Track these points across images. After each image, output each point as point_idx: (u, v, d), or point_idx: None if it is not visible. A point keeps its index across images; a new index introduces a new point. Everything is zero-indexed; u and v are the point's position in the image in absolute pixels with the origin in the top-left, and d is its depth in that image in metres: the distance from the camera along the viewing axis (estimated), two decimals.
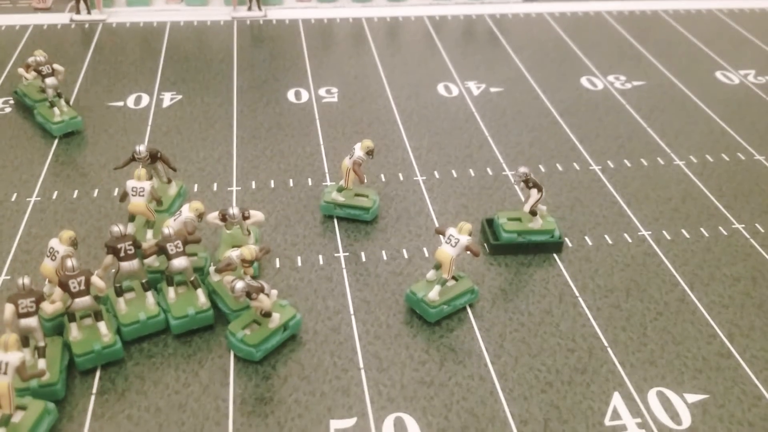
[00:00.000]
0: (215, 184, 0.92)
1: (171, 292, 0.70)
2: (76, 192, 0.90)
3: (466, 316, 0.73)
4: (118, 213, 0.86)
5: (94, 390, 0.64)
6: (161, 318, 0.69)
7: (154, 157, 0.83)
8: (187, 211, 0.73)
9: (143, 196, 0.77)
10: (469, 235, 0.71)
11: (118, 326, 0.67)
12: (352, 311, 0.74)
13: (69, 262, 0.64)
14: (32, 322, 0.61)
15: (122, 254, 0.67)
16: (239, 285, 0.64)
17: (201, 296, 0.69)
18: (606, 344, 0.71)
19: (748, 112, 1.15)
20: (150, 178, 0.80)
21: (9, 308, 0.61)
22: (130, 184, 0.77)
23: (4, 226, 0.83)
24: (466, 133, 1.06)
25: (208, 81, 1.17)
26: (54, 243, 0.68)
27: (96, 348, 0.64)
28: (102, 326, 0.65)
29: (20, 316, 0.61)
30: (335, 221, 0.86)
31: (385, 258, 0.81)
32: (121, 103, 1.10)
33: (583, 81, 1.23)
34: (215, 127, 1.05)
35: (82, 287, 0.63)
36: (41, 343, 0.62)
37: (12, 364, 0.56)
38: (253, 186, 0.92)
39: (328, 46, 1.32)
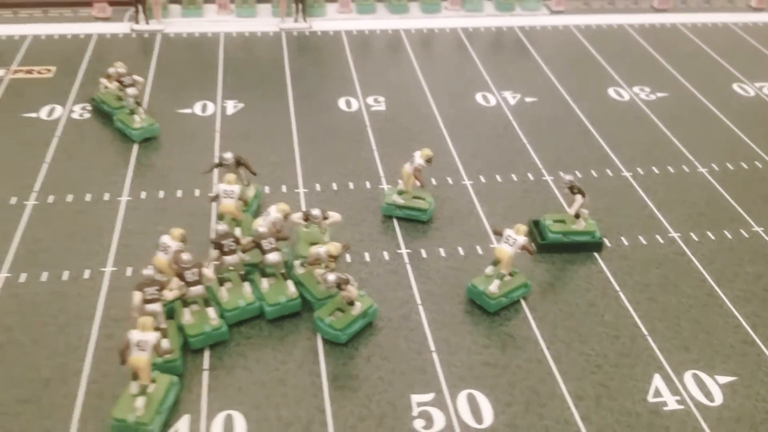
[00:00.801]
0: (284, 186, 1.02)
1: (264, 283, 0.79)
2: (162, 192, 0.99)
3: (521, 307, 0.83)
4: (202, 211, 0.96)
5: (206, 366, 0.74)
6: (257, 305, 0.79)
7: (237, 163, 0.92)
8: (275, 212, 0.83)
9: (233, 198, 0.87)
10: (525, 235, 0.80)
11: (221, 312, 0.77)
12: (418, 301, 0.83)
13: (184, 256, 0.74)
14: (157, 307, 0.71)
15: (226, 249, 0.77)
16: (331, 277, 0.74)
17: (290, 286, 0.79)
18: (645, 332, 0.80)
19: (763, 123, 1.25)
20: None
21: (138, 295, 0.71)
22: (222, 187, 0.87)
23: (103, 222, 0.93)
24: (506, 140, 1.16)
25: (265, 90, 1.27)
26: (165, 239, 0.78)
27: (206, 330, 0.74)
28: (211, 311, 0.75)
29: (146, 302, 0.71)
30: (395, 221, 0.96)
31: (443, 255, 0.91)
32: (189, 111, 1.19)
33: (611, 92, 1.33)
34: (277, 133, 1.15)
35: (196, 277, 0.73)
36: (163, 326, 0.72)
37: (150, 342, 0.65)
38: (318, 188, 1.02)
39: (370, 56, 1.42)
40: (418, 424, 0.69)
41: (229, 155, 0.92)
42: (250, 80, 1.30)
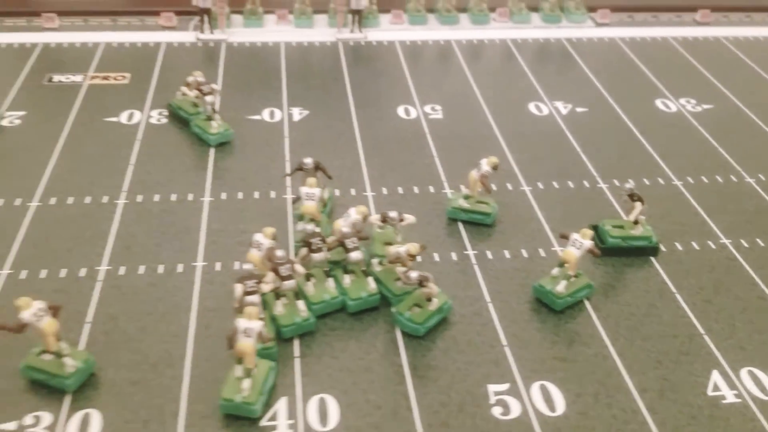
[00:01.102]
0: (353, 190, 1.08)
1: (346, 279, 0.86)
2: (240, 194, 1.06)
3: (584, 307, 0.89)
4: (278, 212, 1.02)
5: (297, 354, 0.80)
6: (340, 299, 0.85)
7: (316, 167, 0.99)
8: (354, 214, 0.89)
9: (314, 200, 0.93)
10: (591, 239, 0.86)
11: (308, 304, 0.83)
12: (488, 299, 0.89)
13: (279, 253, 0.81)
14: (255, 299, 0.77)
15: (314, 247, 0.84)
16: (414, 274, 0.80)
17: (371, 282, 0.86)
18: (702, 332, 0.86)
19: None
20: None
21: (239, 288, 0.77)
22: (304, 190, 0.94)
23: (191, 221, 1.00)
24: (560, 148, 1.22)
25: (327, 97, 1.33)
26: (258, 237, 0.84)
27: (297, 321, 0.81)
28: (300, 304, 0.81)
29: (246, 294, 0.77)
30: (460, 225, 1.02)
31: (508, 256, 0.96)
32: (258, 117, 1.26)
33: (658, 103, 1.38)
34: (341, 139, 1.21)
35: (290, 272, 0.80)
36: (261, 316, 0.78)
37: (255, 330, 0.72)
38: (384, 192, 1.08)
39: (424, 66, 1.48)
40: (496, 411, 0.75)
41: (309, 160, 0.99)
42: (313, 88, 1.37)
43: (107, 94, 1.31)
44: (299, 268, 0.81)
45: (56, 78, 1.35)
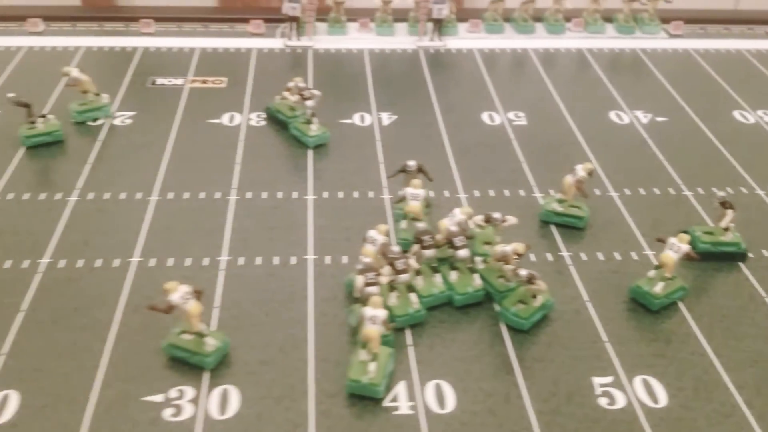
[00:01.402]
0: (446, 192, 1.14)
1: (453, 275, 0.92)
2: (341, 193, 1.13)
3: (678, 308, 0.93)
4: (377, 211, 1.09)
5: (409, 343, 0.86)
6: (447, 293, 0.91)
7: (419, 169, 1.05)
8: (459, 214, 0.95)
9: (418, 200, 0.99)
10: (688, 243, 0.91)
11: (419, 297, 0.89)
12: (586, 298, 0.94)
13: (395, 248, 0.87)
14: (374, 290, 0.83)
15: (425, 244, 0.90)
16: (523, 272, 0.86)
17: (477, 279, 0.91)
18: None
19: None
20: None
21: (360, 279, 0.83)
22: (409, 190, 1.00)
23: (298, 217, 1.07)
24: (643, 156, 1.26)
25: (413, 103, 1.40)
26: (373, 233, 0.91)
27: (409, 312, 0.87)
28: (413, 296, 0.88)
29: (366, 285, 0.83)
30: (552, 227, 1.07)
31: (601, 258, 1.01)
32: (349, 121, 1.33)
33: (736, 114, 1.41)
34: (431, 143, 1.27)
35: (404, 267, 0.86)
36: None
37: (380, 318, 0.78)
38: (477, 194, 1.14)
39: (504, 73, 1.54)
40: (603, 401, 0.80)
41: (412, 163, 1.05)
42: (398, 94, 1.43)
43: (207, 97, 1.39)
44: (413, 263, 0.87)
45: (159, 81, 1.43)
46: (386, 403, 0.79)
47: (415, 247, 0.91)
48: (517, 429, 0.77)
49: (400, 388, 0.81)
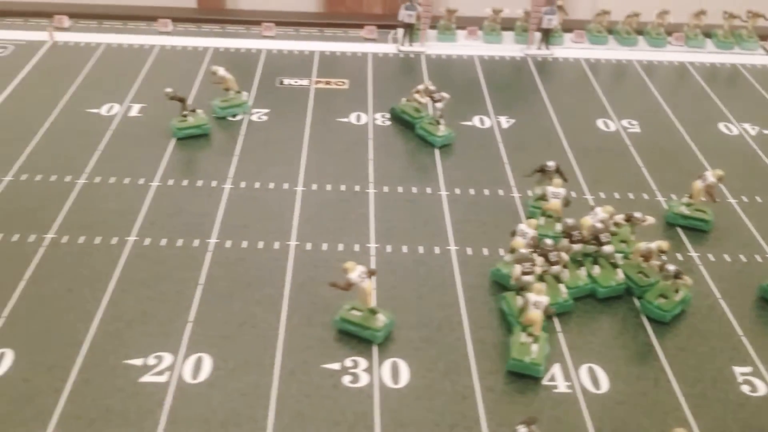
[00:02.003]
0: (573, 193, 1.20)
1: (596, 269, 0.98)
2: (472, 190, 1.20)
3: None
4: (509, 208, 1.15)
5: (558, 329, 0.93)
6: (590, 286, 0.97)
7: (556, 169, 1.12)
8: (601, 212, 1.01)
9: (558, 198, 1.06)
10: None
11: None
12: (718, 295, 1.00)
13: (548, 240, 0.94)
14: (530, 279, 0.90)
15: (573, 238, 0.96)
16: (672, 267, 0.92)
17: (620, 273, 0.97)
18: None
19: None
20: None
21: (518, 268, 0.91)
22: (550, 189, 1.07)
23: (435, 210, 1.14)
24: (756, 167, 1.30)
25: (529, 108, 1.46)
26: (523, 226, 0.98)
27: (559, 301, 0.93)
28: (562, 286, 0.94)
29: (523, 273, 0.90)
30: (678, 229, 1.12)
31: (728, 259, 1.07)
32: (470, 123, 1.40)
33: None
34: (551, 147, 1.33)
35: (557, 258, 0.93)
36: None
37: (543, 304, 0.85)
38: (603, 196, 1.20)
39: (612, 83, 1.59)
40: (745, 388, 0.86)
41: (551, 163, 1.11)
42: (513, 99, 1.50)
43: (332, 97, 1.48)
44: (564, 256, 0.94)
45: (286, 81, 1.53)
46: (545, 381, 0.86)
47: (565, 241, 0.97)
48: (668, 410, 0.83)
49: (556, 370, 0.87)
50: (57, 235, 1.06)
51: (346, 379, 0.85)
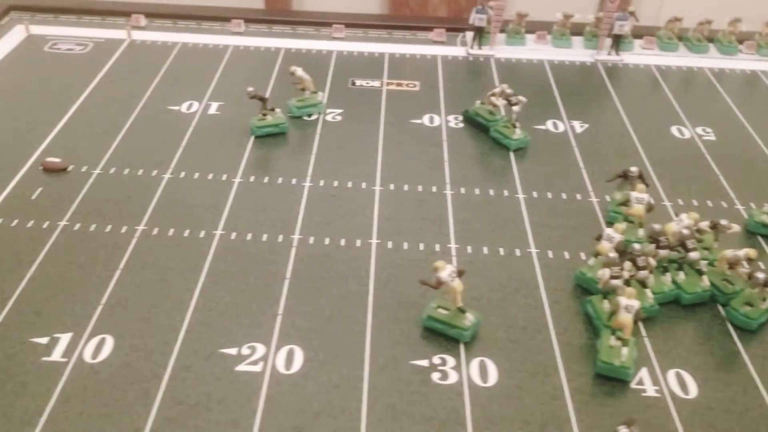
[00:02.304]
0: (651, 199, 1.20)
1: (681, 275, 0.98)
2: (549, 194, 1.20)
3: None
4: (588, 212, 1.16)
5: (644, 334, 0.93)
6: (676, 292, 0.97)
7: (639, 175, 1.12)
8: (686, 219, 1.01)
9: (642, 204, 1.06)
10: None
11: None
12: None
13: (636, 245, 0.94)
14: (618, 282, 0.91)
15: (661, 244, 0.97)
16: (761, 275, 0.91)
17: (705, 280, 0.97)
18: None
19: None
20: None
21: (606, 272, 0.91)
22: (634, 194, 1.07)
23: (513, 213, 1.15)
24: None
25: (601, 113, 1.46)
26: (610, 231, 0.98)
27: (646, 306, 0.94)
28: (648, 291, 0.94)
29: (611, 277, 0.91)
30: (758, 238, 1.12)
31: None
32: (543, 127, 1.41)
33: None
34: (625, 152, 1.33)
35: (645, 264, 0.93)
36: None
37: (634, 308, 0.86)
38: (681, 203, 1.19)
39: (683, 90, 1.58)
40: None
41: (634, 169, 1.12)
42: (585, 104, 1.50)
43: (404, 99, 1.49)
44: (652, 261, 0.94)
45: (358, 82, 1.55)
46: (633, 385, 0.86)
47: (651, 247, 0.98)
48: (759, 417, 0.83)
49: (644, 374, 0.88)
50: (147, 226, 1.09)
51: (435, 376, 0.87)
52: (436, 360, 0.89)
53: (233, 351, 0.89)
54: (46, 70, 1.55)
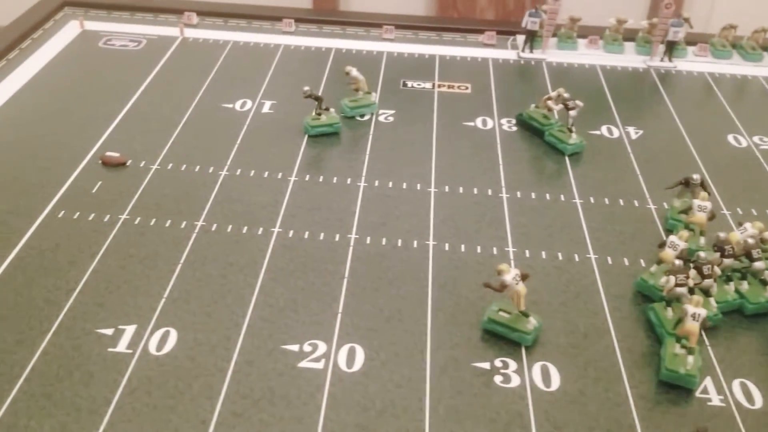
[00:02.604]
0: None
1: (744, 284, 0.97)
2: (606, 200, 1.19)
3: None
4: (646, 219, 1.14)
5: (707, 343, 0.92)
6: (739, 301, 0.96)
7: (701, 183, 1.11)
8: (751, 228, 1.00)
9: (705, 212, 1.05)
10: None
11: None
12: None
13: (702, 254, 0.93)
14: (683, 290, 0.90)
15: (726, 253, 0.95)
16: None
17: None
18: None
19: None
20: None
21: (672, 280, 0.90)
22: (696, 202, 1.06)
23: (570, 218, 1.14)
24: None
25: (656, 120, 1.45)
26: (674, 238, 0.97)
27: (710, 315, 0.92)
28: (712, 300, 0.93)
29: (676, 285, 0.90)
30: None
31: None
32: (598, 132, 1.40)
33: None
34: (682, 160, 1.32)
35: (710, 272, 0.92)
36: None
37: (701, 316, 0.85)
38: (740, 212, 1.18)
39: (737, 98, 1.56)
40: None
41: (696, 176, 1.10)
42: (639, 110, 1.49)
43: (456, 101, 1.49)
44: (717, 270, 0.93)
45: (409, 83, 1.55)
46: (697, 394, 0.85)
47: (716, 255, 0.96)
48: None
49: (708, 382, 0.87)
50: (206, 222, 1.11)
51: (498, 379, 0.86)
52: (497, 363, 0.89)
53: (295, 347, 0.89)
54: (100, 66, 1.57)
